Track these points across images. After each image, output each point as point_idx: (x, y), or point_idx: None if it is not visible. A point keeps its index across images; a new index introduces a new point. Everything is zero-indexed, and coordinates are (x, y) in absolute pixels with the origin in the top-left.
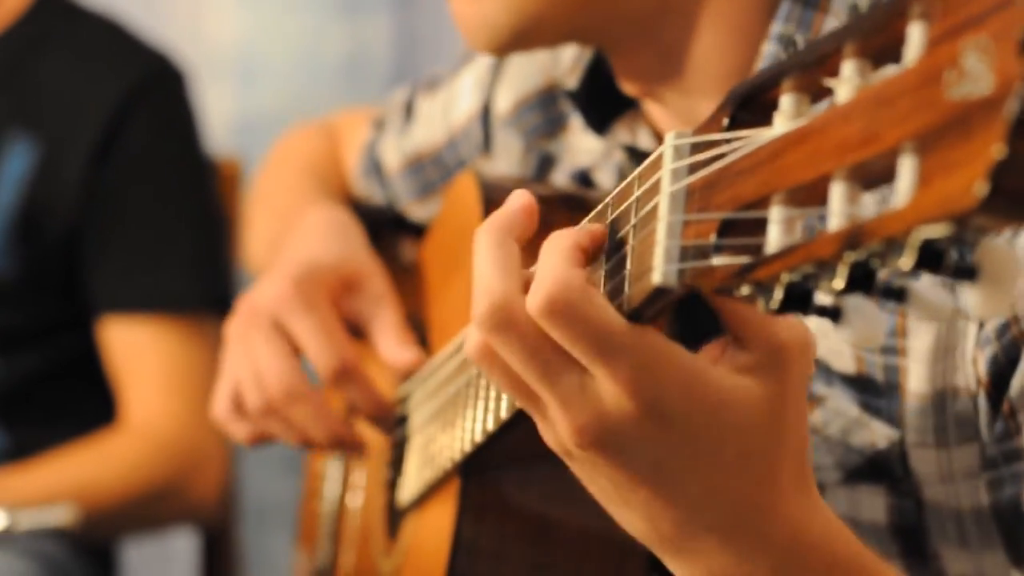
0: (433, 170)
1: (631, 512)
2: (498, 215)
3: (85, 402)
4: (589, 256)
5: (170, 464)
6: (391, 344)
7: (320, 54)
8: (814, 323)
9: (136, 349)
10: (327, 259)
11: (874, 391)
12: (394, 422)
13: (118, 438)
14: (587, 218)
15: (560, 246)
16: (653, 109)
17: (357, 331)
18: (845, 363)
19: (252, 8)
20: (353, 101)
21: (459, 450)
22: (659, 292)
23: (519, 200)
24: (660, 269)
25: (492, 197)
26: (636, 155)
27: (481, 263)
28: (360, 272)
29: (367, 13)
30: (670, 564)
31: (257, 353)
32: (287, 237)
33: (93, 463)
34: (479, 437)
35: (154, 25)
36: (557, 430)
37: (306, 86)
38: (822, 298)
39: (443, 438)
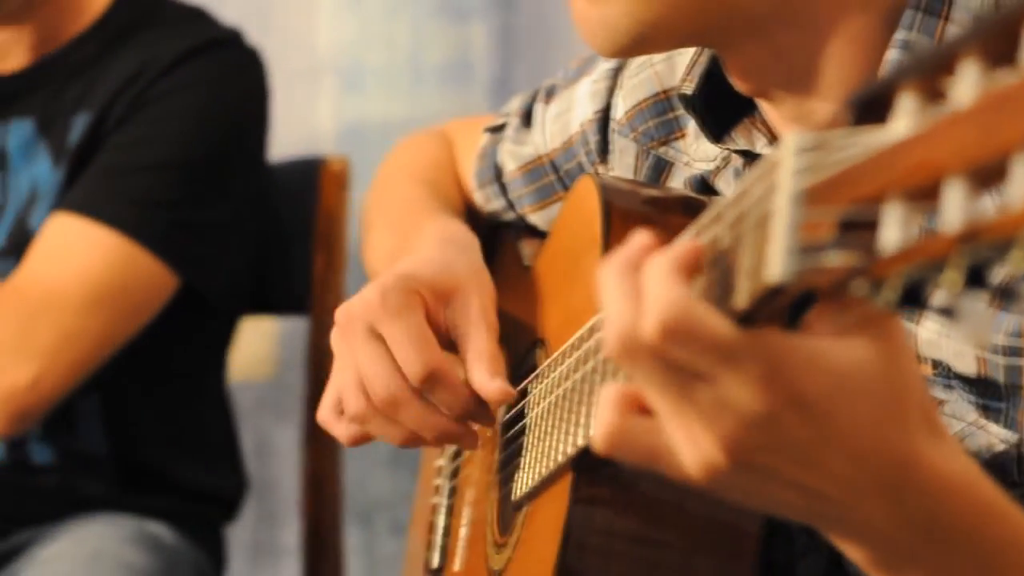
0: (551, 176)
1: (788, 507)
2: (622, 252)
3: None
4: (691, 270)
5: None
6: (483, 374)
7: (423, 59)
8: (934, 326)
9: (59, 237)
10: (425, 272)
11: (994, 393)
12: (492, 420)
13: None
14: (694, 224)
15: (662, 268)
16: (769, 111)
17: (451, 346)
18: (967, 365)
19: (358, 15)
20: (455, 106)
21: (573, 445)
22: (775, 291)
23: (641, 240)
24: (777, 268)
25: (611, 201)
26: (754, 160)
27: (607, 297)
28: (459, 288)
29: (470, 19)
30: (838, 542)
31: (357, 358)
32: (404, 249)
33: None
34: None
35: (264, 31)
36: (702, 447)
37: (410, 91)
38: (936, 298)
39: (558, 433)
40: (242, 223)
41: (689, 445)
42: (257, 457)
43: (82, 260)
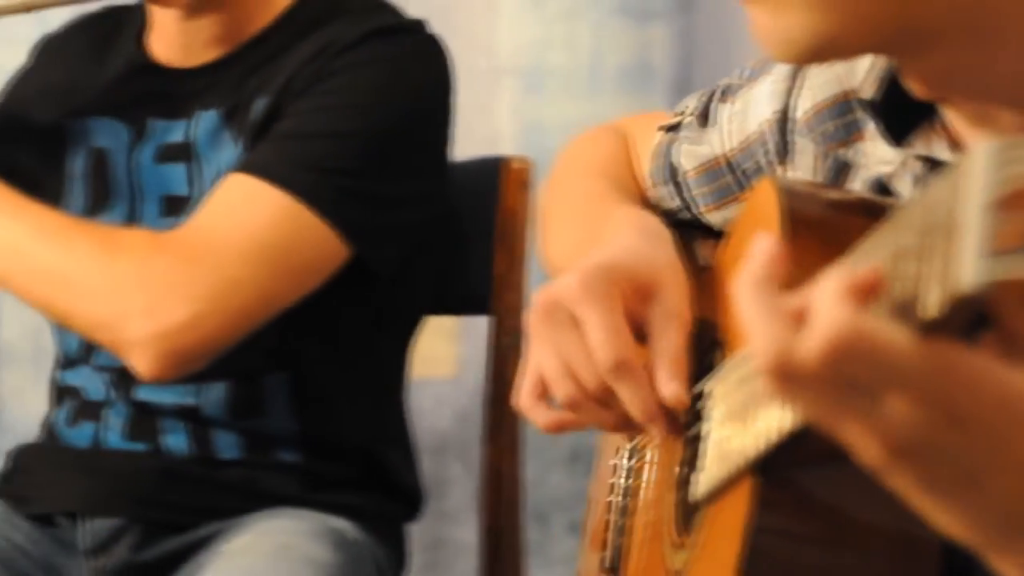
0: (729, 176)
1: (950, 519)
2: (751, 268)
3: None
4: (863, 295)
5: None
6: (663, 374)
7: (604, 61)
8: None
9: (227, 193)
10: (625, 261)
11: None
12: (675, 422)
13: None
14: (876, 228)
15: (833, 288)
16: (950, 116)
17: (643, 338)
18: None
19: (539, 17)
20: (635, 108)
21: (754, 448)
22: (965, 301)
23: (766, 248)
24: (971, 275)
25: (790, 204)
26: (933, 165)
27: (749, 319)
28: (656, 280)
29: (651, 20)
30: (996, 563)
31: (561, 344)
32: (595, 239)
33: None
34: (775, 437)
35: (446, 32)
36: (863, 458)
37: (590, 93)
38: None
39: (739, 436)
40: (419, 204)
41: (853, 452)
42: (435, 455)
43: (248, 213)
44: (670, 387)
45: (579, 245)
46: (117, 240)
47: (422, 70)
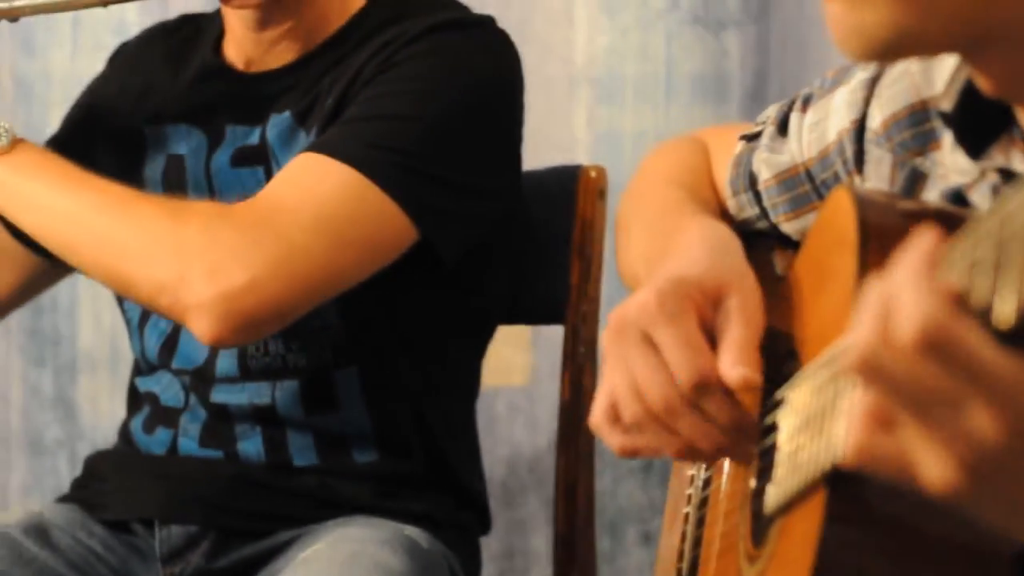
0: (806, 185)
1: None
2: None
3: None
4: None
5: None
6: (728, 360)
7: (678, 70)
8: None
9: (293, 168)
10: (695, 272)
11: None
12: (756, 435)
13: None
14: (953, 239)
15: (926, 275)
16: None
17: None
18: None
19: (614, 26)
20: (709, 116)
21: (828, 461)
22: None
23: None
24: None
25: (866, 214)
26: (1011, 177)
27: (864, 308)
28: (727, 286)
29: (725, 29)
30: None
31: (632, 365)
32: (666, 250)
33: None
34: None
35: (521, 41)
36: (943, 466)
37: (664, 101)
38: None
39: (812, 448)
40: (485, 195)
41: (930, 462)
42: (508, 464)
43: (313, 186)
44: (734, 371)
45: (653, 256)
46: (181, 208)
47: (486, 61)
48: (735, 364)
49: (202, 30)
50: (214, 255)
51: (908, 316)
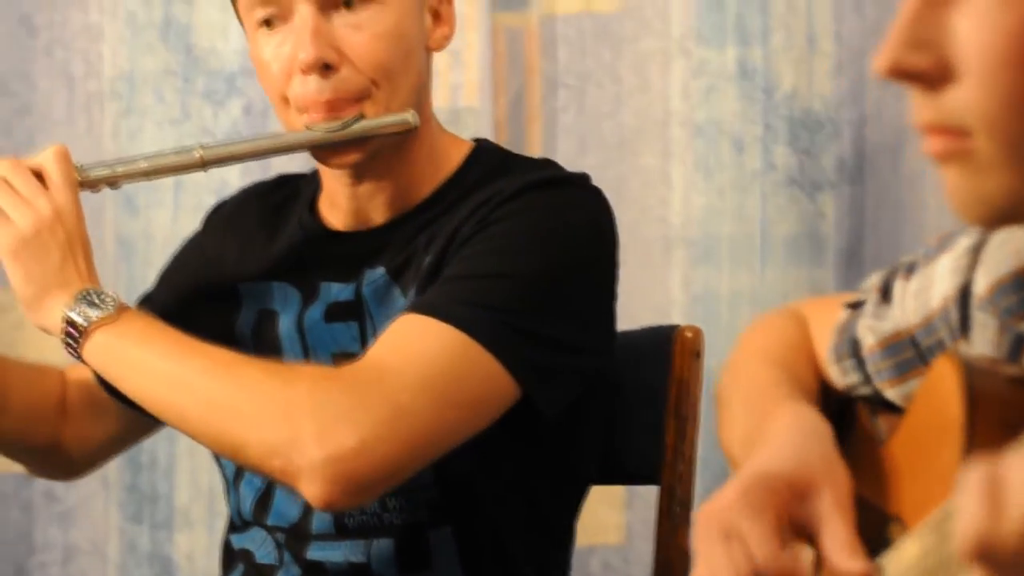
0: (909, 351)
1: None
2: (995, 463)
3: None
4: None
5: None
6: (841, 554)
7: (774, 231)
8: None
9: (397, 329)
10: (781, 466)
11: None
12: None
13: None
14: None
15: None
16: None
17: (809, 538)
18: None
19: (710, 187)
20: (805, 277)
21: None
22: None
23: None
24: None
25: (971, 381)
26: None
27: (968, 492)
28: (815, 480)
29: (819, 191)
30: None
31: (712, 562)
32: (759, 434)
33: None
34: None
35: (618, 202)
36: None
37: (761, 262)
38: None
39: None
40: (582, 351)
41: None
42: None
43: (417, 346)
44: (852, 564)
45: (746, 437)
46: (288, 371)
47: (581, 218)
48: (851, 557)
49: (300, 190)
50: (323, 418)
51: (1018, 504)
